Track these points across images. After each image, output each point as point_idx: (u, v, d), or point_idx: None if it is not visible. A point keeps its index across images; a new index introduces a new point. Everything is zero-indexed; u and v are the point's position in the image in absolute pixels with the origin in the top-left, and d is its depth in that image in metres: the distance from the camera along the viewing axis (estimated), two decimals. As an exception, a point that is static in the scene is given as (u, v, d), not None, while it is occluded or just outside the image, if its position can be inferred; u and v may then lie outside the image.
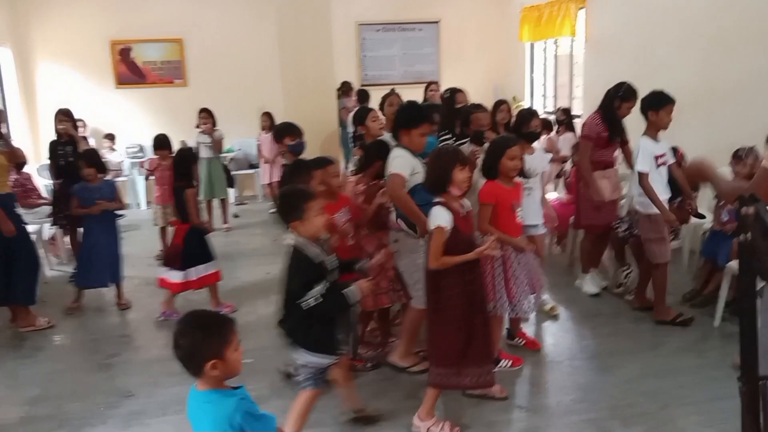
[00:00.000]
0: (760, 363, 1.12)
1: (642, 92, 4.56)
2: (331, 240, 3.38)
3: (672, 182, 4.66)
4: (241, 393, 1.95)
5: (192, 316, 1.98)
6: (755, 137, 4.29)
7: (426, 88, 7.49)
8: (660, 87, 4.49)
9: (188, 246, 4.85)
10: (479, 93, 10.07)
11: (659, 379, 3.72)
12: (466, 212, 3.18)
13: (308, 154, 4.74)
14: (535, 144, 4.58)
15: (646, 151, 4.33)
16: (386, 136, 4.11)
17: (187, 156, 5.10)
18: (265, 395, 3.55)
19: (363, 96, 8.45)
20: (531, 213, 4.22)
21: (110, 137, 9.08)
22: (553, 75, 9.20)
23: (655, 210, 4.34)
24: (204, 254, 4.92)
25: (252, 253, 6.47)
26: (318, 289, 2.71)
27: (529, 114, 4.48)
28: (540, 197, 4.37)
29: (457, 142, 4.62)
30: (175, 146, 5.97)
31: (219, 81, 9.42)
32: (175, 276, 4.83)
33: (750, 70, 5.07)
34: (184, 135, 9.09)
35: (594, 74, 7.73)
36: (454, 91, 5.61)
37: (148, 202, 8.51)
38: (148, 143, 6.88)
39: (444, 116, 4.96)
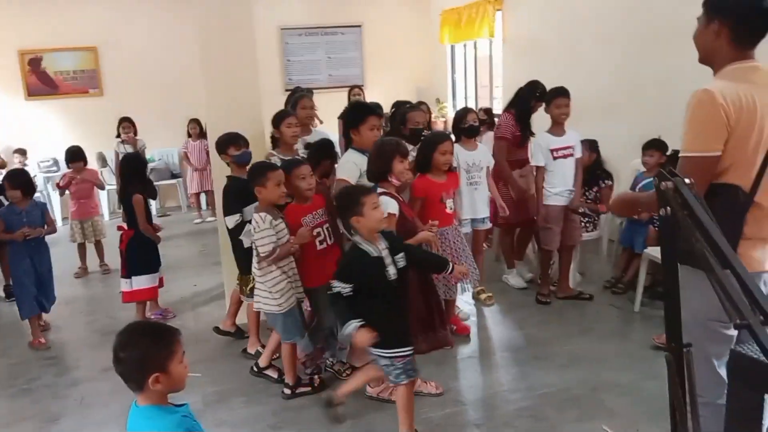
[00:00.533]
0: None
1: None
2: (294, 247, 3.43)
3: (591, 172, 4.88)
4: (184, 410, 1.87)
5: (134, 327, 1.90)
6: (670, 130, 4.53)
7: (349, 92, 7.51)
8: (576, 85, 4.67)
9: (131, 254, 4.78)
10: (403, 95, 10.21)
11: (588, 363, 3.87)
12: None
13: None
14: (477, 139, 4.82)
15: (539, 146, 4.65)
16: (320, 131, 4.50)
17: (133, 160, 5.09)
18: (198, 410, 3.45)
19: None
20: (478, 207, 4.54)
21: (21, 152, 8.59)
22: (474, 76, 9.41)
23: (551, 201, 4.64)
24: (147, 264, 4.82)
25: (178, 266, 6.29)
26: (343, 286, 2.83)
27: (464, 110, 4.78)
28: (486, 192, 4.60)
29: None
30: (91, 157, 5.75)
31: (137, 90, 9.12)
32: (125, 285, 4.83)
33: (664, 67, 5.30)
34: (101, 146, 8.77)
35: (512, 75, 7.95)
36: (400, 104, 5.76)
37: (64, 218, 8.13)
38: (63, 156, 6.57)
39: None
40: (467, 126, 4.59)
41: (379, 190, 3.37)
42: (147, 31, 9.16)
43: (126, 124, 7.45)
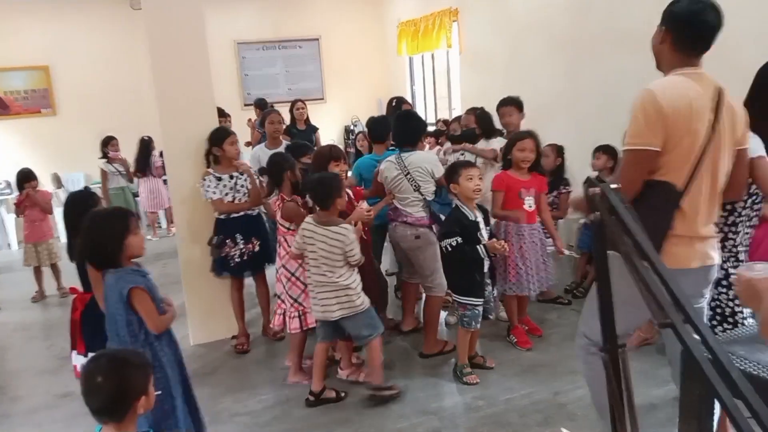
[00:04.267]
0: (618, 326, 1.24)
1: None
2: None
3: (554, 177, 4.96)
4: None
5: (114, 356, 1.91)
6: (616, 134, 4.64)
7: (292, 107, 7.51)
8: (529, 93, 4.77)
9: (89, 325, 3.44)
10: (363, 108, 10.28)
11: (550, 368, 3.92)
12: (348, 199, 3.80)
13: (200, 176, 4.62)
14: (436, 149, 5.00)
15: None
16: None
17: (82, 201, 3.58)
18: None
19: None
20: None
21: (-28, 175, 8.39)
22: (433, 87, 9.50)
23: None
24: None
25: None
26: (451, 240, 3.61)
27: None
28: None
29: None
30: (45, 178, 5.61)
31: (92, 108, 8.97)
32: (80, 363, 3.68)
33: (609, 72, 5.46)
34: (56, 167, 8.59)
35: (469, 85, 8.07)
36: (400, 101, 5.81)
37: (20, 242, 7.92)
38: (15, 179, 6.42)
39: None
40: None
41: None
42: (100, 48, 9.04)
43: (114, 142, 7.34)
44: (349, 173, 4.89)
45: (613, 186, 1.15)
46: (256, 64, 10.03)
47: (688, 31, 2.25)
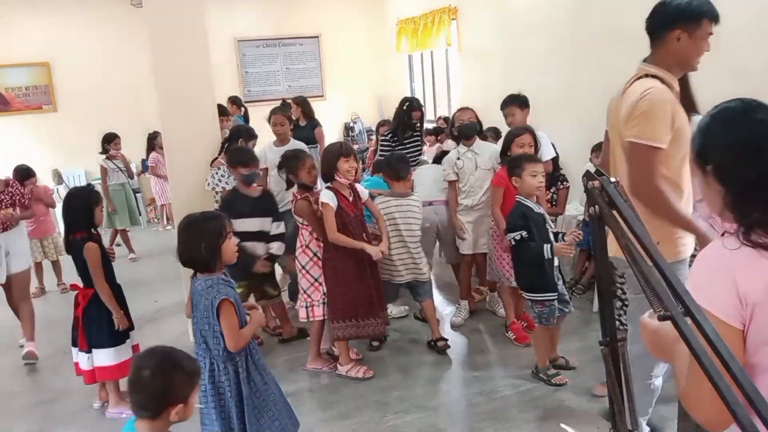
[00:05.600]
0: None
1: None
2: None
3: (551, 174, 4.95)
4: None
5: (168, 355, 1.88)
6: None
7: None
8: (528, 91, 4.77)
9: (92, 321, 3.65)
10: (363, 105, 10.28)
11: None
12: (353, 197, 3.86)
13: (201, 173, 4.65)
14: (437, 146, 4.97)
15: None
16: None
17: (81, 197, 3.71)
18: None
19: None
20: None
21: (-28, 171, 8.38)
22: (432, 85, 9.50)
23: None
24: (114, 332, 3.66)
25: (138, 283, 6.16)
26: (516, 234, 3.51)
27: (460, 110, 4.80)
28: None
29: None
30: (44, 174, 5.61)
31: (92, 105, 8.96)
32: (82, 359, 3.71)
33: (609, 71, 5.45)
34: (57, 163, 8.60)
35: (468, 82, 8.07)
36: (411, 106, 5.72)
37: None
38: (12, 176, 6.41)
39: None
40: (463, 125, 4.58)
41: (325, 185, 3.86)
42: (101, 45, 9.02)
43: (117, 140, 7.36)
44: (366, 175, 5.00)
45: (612, 179, 1.17)
46: (256, 61, 10.03)
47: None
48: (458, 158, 4.51)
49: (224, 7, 9.30)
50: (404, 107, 5.35)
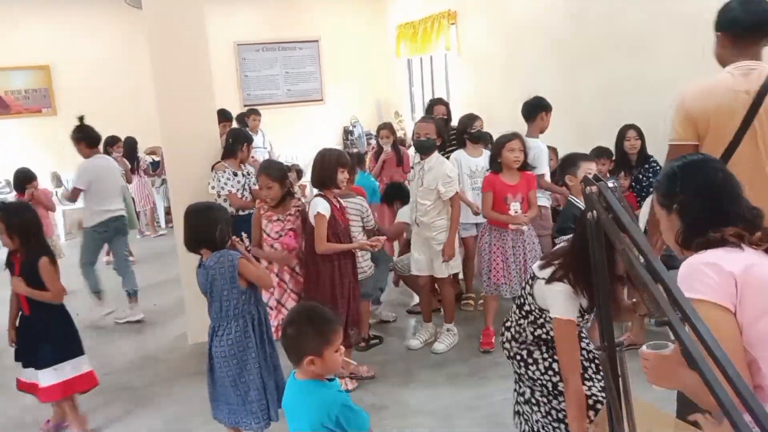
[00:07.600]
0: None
1: (513, 102, 4.84)
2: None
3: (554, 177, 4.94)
4: (336, 385, 2.02)
5: (304, 309, 2.16)
6: (614, 136, 4.68)
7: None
8: (527, 95, 4.79)
9: (46, 334, 3.41)
10: (362, 109, 10.29)
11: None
12: (341, 206, 3.80)
13: (201, 177, 4.64)
14: None
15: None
16: None
17: (22, 211, 3.60)
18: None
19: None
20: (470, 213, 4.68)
21: (-28, 174, 8.40)
22: (431, 89, 9.51)
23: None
24: (72, 344, 3.49)
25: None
26: (567, 237, 3.28)
27: (470, 117, 4.87)
28: None
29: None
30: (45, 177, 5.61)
31: (92, 108, 8.89)
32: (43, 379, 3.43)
33: (607, 74, 5.48)
34: (56, 166, 8.59)
35: (468, 87, 8.08)
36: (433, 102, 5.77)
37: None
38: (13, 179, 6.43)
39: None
40: (474, 132, 4.74)
41: (316, 192, 3.78)
42: (100, 48, 9.05)
43: (119, 143, 7.36)
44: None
45: (610, 184, 1.17)
46: (255, 65, 10.04)
47: (736, 28, 2.39)
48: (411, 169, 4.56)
49: (224, 10, 9.31)
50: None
